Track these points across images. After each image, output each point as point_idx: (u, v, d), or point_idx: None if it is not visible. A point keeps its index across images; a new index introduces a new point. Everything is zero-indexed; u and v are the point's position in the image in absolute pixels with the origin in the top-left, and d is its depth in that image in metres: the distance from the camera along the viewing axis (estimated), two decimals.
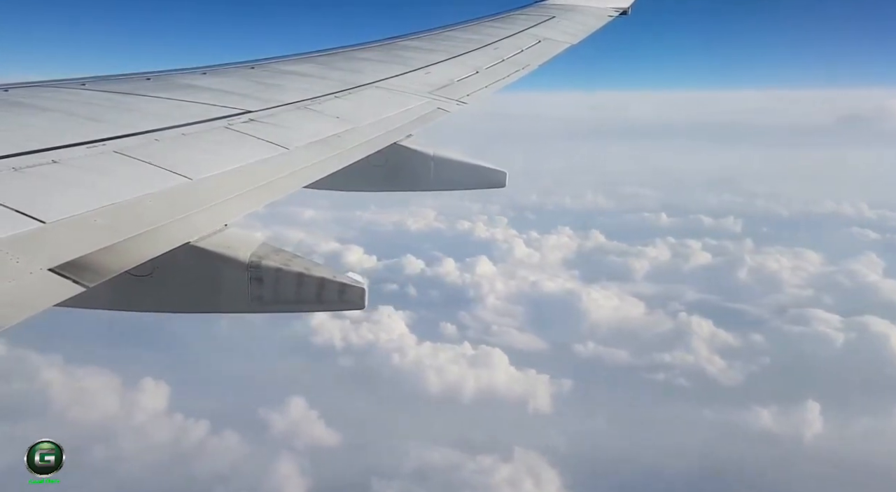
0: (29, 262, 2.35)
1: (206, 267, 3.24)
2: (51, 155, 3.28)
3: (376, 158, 5.18)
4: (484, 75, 7.57)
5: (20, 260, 2.34)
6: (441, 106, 6.31)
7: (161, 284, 3.26)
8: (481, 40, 8.96)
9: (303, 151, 4.42)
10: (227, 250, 3.28)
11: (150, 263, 2.89)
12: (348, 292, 3.46)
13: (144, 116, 4.29)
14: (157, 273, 3.20)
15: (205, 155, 3.89)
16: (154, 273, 3.19)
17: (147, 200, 3.13)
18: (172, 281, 3.27)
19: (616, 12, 11.51)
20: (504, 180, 6.16)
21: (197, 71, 5.98)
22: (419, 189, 6.16)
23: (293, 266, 3.41)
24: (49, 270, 2.35)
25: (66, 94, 4.64)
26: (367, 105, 5.84)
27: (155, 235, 2.91)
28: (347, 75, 6.57)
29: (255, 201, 3.63)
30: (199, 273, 3.26)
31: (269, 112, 4.97)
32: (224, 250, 3.26)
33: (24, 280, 2.27)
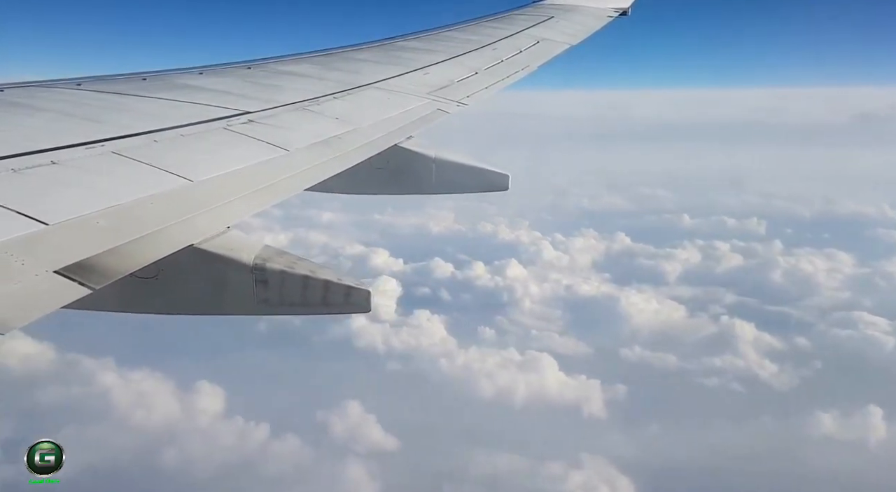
0: (34, 264, 2.31)
1: (210, 269, 3.20)
2: (49, 156, 3.22)
3: (378, 160, 5.13)
4: (483, 76, 7.54)
5: (25, 262, 2.30)
6: (441, 107, 6.27)
7: (167, 287, 3.22)
8: (480, 41, 8.93)
9: (303, 153, 4.37)
10: (231, 253, 3.24)
11: (154, 265, 2.85)
12: (354, 295, 3.42)
13: (142, 117, 4.23)
14: (163, 275, 3.16)
15: (204, 156, 3.84)
16: (159, 275, 3.15)
17: (148, 202, 3.09)
18: (178, 283, 3.23)
19: (616, 12, 11.51)
20: (507, 183, 6.10)
21: (194, 71, 5.92)
22: (421, 192, 6.10)
23: (298, 269, 3.37)
24: (55, 273, 2.31)
25: (62, 94, 4.57)
26: (366, 106, 5.80)
27: (158, 237, 2.87)
28: (346, 76, 6.53)
29: (257, 203, 3.58)
30: (204, 275, 3.22)
31: (268, 113, 4.92)
32: (228, 253, 3.22)
33: (30, 282, 2.23)
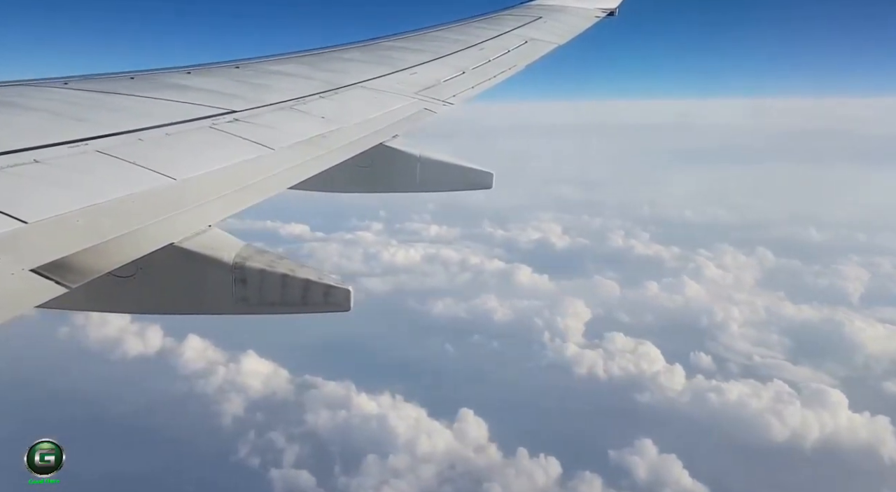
0: (10, 262, 2.33)
1: (189, 268, 3.23)
2: (32, 154, 3.24)
3: (362, 158, 5.17)
4: (470, 76, 7.57)
5: (1, 260, 2.32)
6: (427, 107, 6.31)
7: (144, 285, 3.24)
8: (468, 41, 8.96)
9: (288, 152, 4.40)
10: (211, 251, 3.26)
11: (133, 264, 2.87)
12: (333, 294, 3.44)
13: (128, 116, 4.25)
14: (141, 274, 3.18)
15: (189, 155, 3.86)
16: (137, 274, 3.17)
17: (130, 201, 3.10)
18: (156, 282, 3.25)
19: (603, 13, 11.57)
20: (491, 181, 6.16)
21: (181, 70, 5.94)
22: (405, 190, 6.15)
23: (278, 267, 3.40)
24: (31, 271, 2.33)
25: (48, 93, 4.58)
26: (352, 105, 5.83)
27: (138, 235, 2.89)
28: (333, 76, 6.55)
29: (240, 202, 3.60)
30: (182, 274, 3.24)
31: (254, 112, 4.95)
32: (208, 251, 3.24)
33: (5, 281, 2.26)
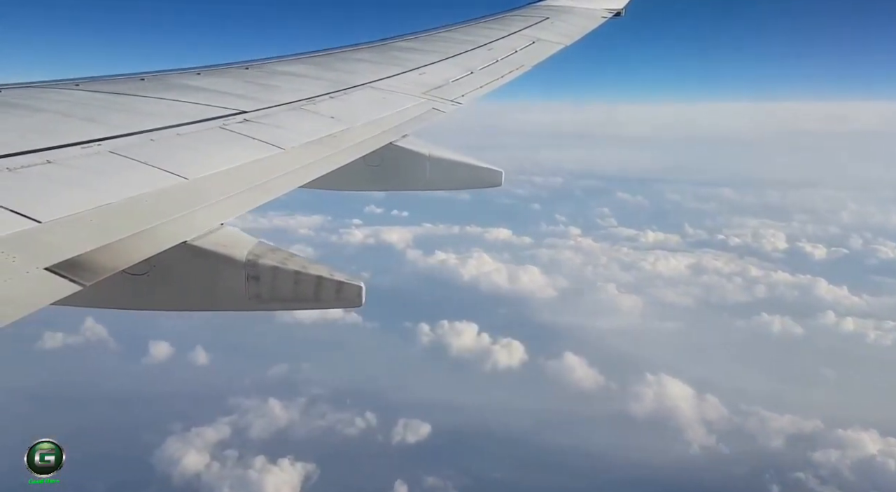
0: (26, 261, 2.35)
1: (202, 266, 3.24)
2: (45, 155, 3.27)
3: (372, 157, 5.18)
4: (478, 76, 7.58)
5: (17, 259, 2.34)
6: (436, 106, 6.32)
7: (158, 283, 3.25)
8: (475, 41, 8.97)
9: (298, 151, 4.41)
10: (224, 249, 3.27)
11: (146, 262, 2.89)
12: (345, 290, 3.44)
13: (139, 117, 4.28)
14: (154, 272, 3.19)
15: (200, 155, 3.89)
16: (150, 272, 3.19)
17: (143, 200, 3.13)
18: (169, 280, 3.27)
19: (610, 13, 11.57)
20: (500, 180, 6.17)
21: (192, 71, 5.97)
22: (415, 189, 6.17)
23: (290, 264, 3.40)
24: (46, 270, 2.35)
25: (60, 94, 4.62)
26: (361, 105, 5.84)
27: (151, 234, 2.91)
28: (342, 76, 6.57)
29: (251, 201, 3.62)
30: (195, 272, 3.26)
31: (264, 112, 4.97)
32: (220, 249, 3.26)
33: (21, 279, 2.28)
